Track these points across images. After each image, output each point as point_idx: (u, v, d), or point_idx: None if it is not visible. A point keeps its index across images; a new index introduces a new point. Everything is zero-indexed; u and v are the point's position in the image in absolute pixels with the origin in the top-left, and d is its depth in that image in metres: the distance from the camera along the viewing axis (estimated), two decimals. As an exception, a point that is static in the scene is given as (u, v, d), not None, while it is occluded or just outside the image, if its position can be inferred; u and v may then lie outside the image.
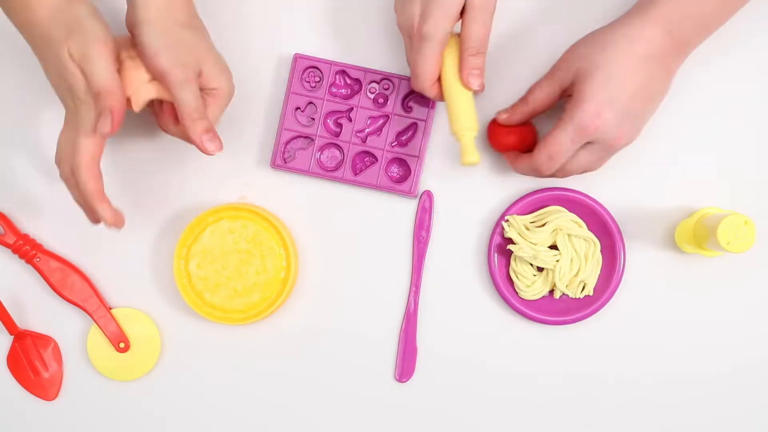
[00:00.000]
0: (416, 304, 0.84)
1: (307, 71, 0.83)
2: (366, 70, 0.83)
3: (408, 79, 0.82)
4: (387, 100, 0.83)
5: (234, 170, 0.84)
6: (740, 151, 0.83)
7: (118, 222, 0.74)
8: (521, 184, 0.83)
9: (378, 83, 0.83)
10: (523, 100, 0.78)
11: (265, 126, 0.84)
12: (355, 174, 0.83)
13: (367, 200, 0.84)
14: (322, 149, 0.83)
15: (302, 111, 0.83)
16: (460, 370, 0.84)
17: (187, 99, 0.72)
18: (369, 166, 0.83)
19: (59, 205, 0.85)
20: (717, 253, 0.81)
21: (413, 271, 0.84)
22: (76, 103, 0.71)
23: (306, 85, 0.83)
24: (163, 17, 0.71)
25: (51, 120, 0.83)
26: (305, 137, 0.83)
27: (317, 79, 0.83)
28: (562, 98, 0.77)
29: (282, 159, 0.83)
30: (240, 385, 0.85)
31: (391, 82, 0.83)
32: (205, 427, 0.86)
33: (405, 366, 0.84)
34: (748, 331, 0.83)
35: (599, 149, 0.74)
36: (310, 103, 0.83)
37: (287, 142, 0.83)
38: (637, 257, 0.83)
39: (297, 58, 0.83)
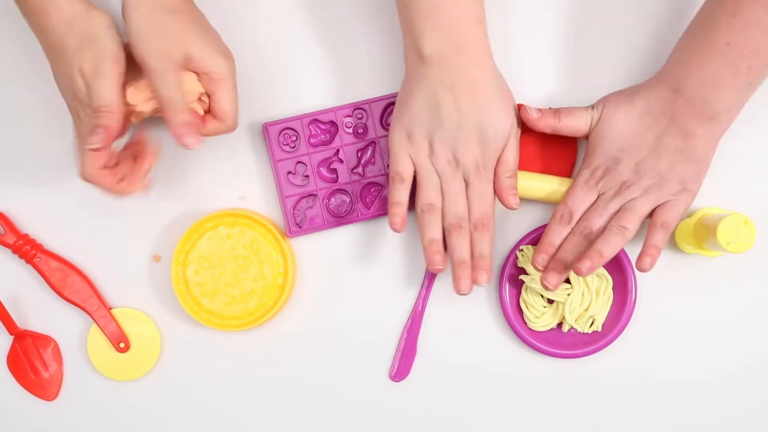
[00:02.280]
0: (424, 306, 0.84)
1: (281, 135, 0.82)
2: (335, 110, 0.82)
3: (378, 100, 0.82)
4: (366, 128, 0.83)
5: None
6: (740, 151, 0.82)
7: (145, 189, 0.78)
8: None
9: (351, 116, 0.82)
10: (555, 113, 0.78)
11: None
12: (368, 207, 0.83)
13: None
14: (328, 199, 0.83)
15: (294, 174, 0.83)
16: (455, 375, 0.84)
17: (162, 88, 0.70)
18: (378, 194, 0.83)
19: (59, 205, 0.85)
20: (717, 253, 0.80)
21: (427, 275, 0.83)
22: (81, 114, 0.71)
23: (286, 148, 0.83)
24: (149, 3, 0.70)
25: (52, 120, 0.83)
26: (308, 196, 0.83)
27: (294, 138, 0.83)
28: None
29: (296, 225, 0.83)
30: (238, 386, 0.85)
31: (363, 110, 0.82)
32: (205, 427, 0.86)
33: (402, 366, 0.84)
34: (748, 332, 0.83)
35: (618, 199, 0.75)
36: (298, 162, 0.83)
37: (293, 208, 0.83)
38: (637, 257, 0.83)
39: (266, 127, 0.82)
